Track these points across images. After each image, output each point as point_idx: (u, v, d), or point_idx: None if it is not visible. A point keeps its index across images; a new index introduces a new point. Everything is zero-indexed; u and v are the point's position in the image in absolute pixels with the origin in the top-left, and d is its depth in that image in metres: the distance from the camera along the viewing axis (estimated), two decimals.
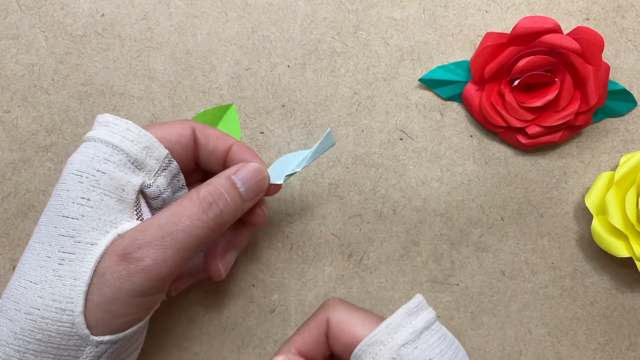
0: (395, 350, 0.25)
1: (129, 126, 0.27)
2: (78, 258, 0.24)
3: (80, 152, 0.26)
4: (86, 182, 0.25)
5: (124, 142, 0.26)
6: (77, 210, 0.25)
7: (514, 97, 0.34)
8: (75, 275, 0.24)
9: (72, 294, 0.24)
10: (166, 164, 0.28)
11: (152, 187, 0.27)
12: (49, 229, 0.25)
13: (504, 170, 0.36)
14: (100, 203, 0.25)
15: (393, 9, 0.35)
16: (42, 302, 0.24)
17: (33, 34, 0.35)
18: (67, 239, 0.24)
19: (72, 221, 0.25)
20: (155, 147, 0.27)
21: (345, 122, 0.36)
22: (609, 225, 0.34)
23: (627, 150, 0.36)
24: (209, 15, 0.35)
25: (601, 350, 0.36)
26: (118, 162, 0.26)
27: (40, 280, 0.24)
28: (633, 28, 0.35)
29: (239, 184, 0.27)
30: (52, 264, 0.24)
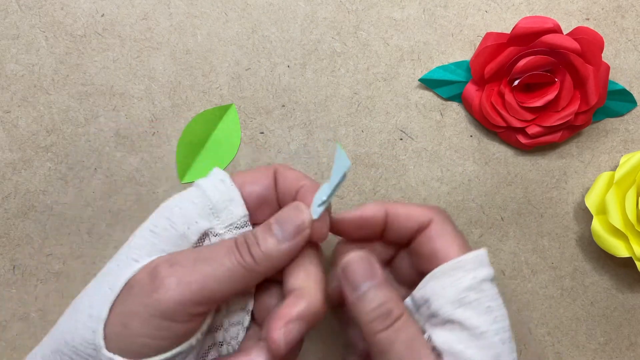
0: (478, 281, 0.26)
1: (224, 178, 0.28)
2: (119, 271, 0.25)
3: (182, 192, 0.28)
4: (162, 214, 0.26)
5: (213, 189, 0.27)
6: (143, 235, 0.26)
7: (514, 97, 0.34)
8: (111, 285, 0.25)
9: (102, 301, 0.24)
10: (241, 224, 0.28)
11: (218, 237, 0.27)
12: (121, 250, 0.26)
13: (504, 170, 0.36)
14: (163, 232, 0.26)
15: (393, 9, 0.35)
16: (82, 307, 0.25)
17: (33, 34, 0.35)
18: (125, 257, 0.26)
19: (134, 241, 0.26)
20: (237, 203, 0.27)
21: (345, 122, 0.36)
22: (609, 225, 0.34)
23: (627, 150, 0.36)
24: (209, 15, 0.35)
25: (601, 350, 0.36)
26: (198, 204, 0.27)
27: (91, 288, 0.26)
28: (633, 28, 0.35)
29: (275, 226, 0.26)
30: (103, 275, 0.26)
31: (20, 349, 0.35)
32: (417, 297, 0.27)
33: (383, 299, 0.26)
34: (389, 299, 0.26)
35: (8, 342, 0.35)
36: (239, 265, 0.25)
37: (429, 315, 0.27)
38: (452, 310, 0.26)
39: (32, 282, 0.35)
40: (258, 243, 0.26)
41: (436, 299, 0.26)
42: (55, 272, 0.35)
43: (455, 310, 0.25)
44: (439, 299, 0.26)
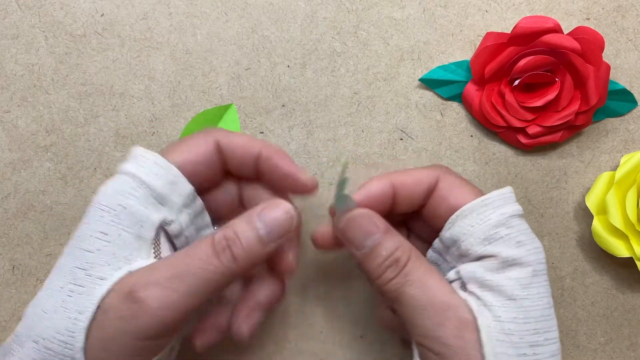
0: (506, 217, 0.26)
1: (156, 159, 0.26)
2: (86, 292, 0.24)
3: (108, 185, 0.26)
4: (107, 217, 0.25)
5: (150, 175, 0.26)
6: (94, 244, 0.24)
7: (514, 97, 0.34)
8: (80, 309, 0.23)
9: (74, 328, 0.23)
10: (190, 200, 0.27)
11: (173, 224, 0.26)
12: (67, 260, 0.25)
13: (504, 170, 0.36)
14: (117, 238, 0.25)
15: (393, 8, 0.35)
16: (48, 333, 0.23)
17: (33, 34, 0.35)
18: (80, 271, 0.24)
19: (88, 254, 0.24)
20: (180, 182, 0.26)
21: (345, 122, 0.35)
22: (610, 225, 0.33)
23: (628, 150, 0.36)
24: (209, 15, 0.35)
25: (601, 350, 0.36)
26: (140, 197, 0.25)
27: (50, 310, 0.24)
28: (633, 28, 0.35)
29: (260, 226, 0.26)
30: (62, 295, 0.24)
31: None
32: (445, 238, 0.27)
33: (388, 251, 0.26)
34: (394, 247, 0.26)
35: None
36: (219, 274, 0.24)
37: (459, 255, 0.27)
38: (483, 247, 0.26)
39: (32, 282, 0.35)
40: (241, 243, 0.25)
41: (465, 238, 0.26)
42: None
43: (486, 246, 0.25)
44: (468, 238, 0.26)
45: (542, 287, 0.25)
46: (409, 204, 0.28)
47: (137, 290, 0.23)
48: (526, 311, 0.24)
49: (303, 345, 0.35)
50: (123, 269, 0.24)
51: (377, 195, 0.28)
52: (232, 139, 0.28)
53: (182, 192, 0.27)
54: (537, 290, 0.25)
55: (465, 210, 0.26)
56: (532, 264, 0.25)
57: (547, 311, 0.25)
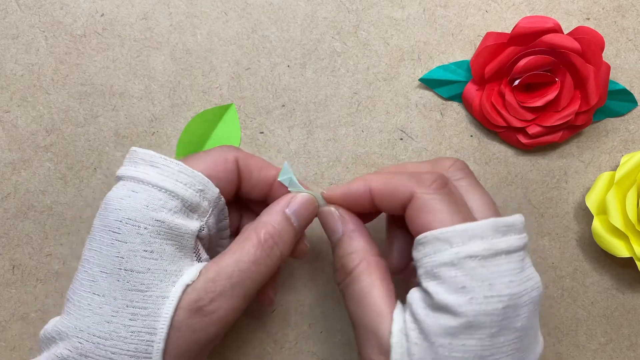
0: (460, 257, 0.23)
1: (180, 168, 0.26)
2: (151, 313, 0.24)
3: (130, 196, 0.25)
4: (145, 233, 0.24)
5: (178, 185, 0.25)
6: (142, 264, 0.24)
7: (514, 97, 0.34)
8: (152, 331, 0.24)
9: (150, 350, 0.24)
10: (216, 202, 0.27)
11: (204, 230, 0.27)
12: (110, 283, 0.24)
13: (504, 170, 0.36)
14: (163, 253, 0.25)
15: (393, 8, 0.35)
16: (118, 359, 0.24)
17: (33, 33, 0.35)
18: (136, 293, 0.24)
19: (139, 275, 0.24)
20: (208, 188, 0.27)
21: (345, 122, 0.35)
22: (610, 225, 0.33)
23: (628, 150, 0.36)
24: (209, 15, 0.35)
25: (601, 350, 0.36)
26: (174, 209, 0.25)
27: (111, 337, 0.24)
28: (633, 28, 0.35)
29: (293, 219, 0.27)
30: (122, 319, 0.24)
31: (20, 349, 0.35)
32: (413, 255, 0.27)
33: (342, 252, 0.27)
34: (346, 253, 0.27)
35: (8, 342, 0.35)
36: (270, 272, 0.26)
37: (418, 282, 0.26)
38: (427, 282, 0.24)
39: (32, 282, 0.35)
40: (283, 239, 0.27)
41: (419, 265, 0.25)
42: (55, 272, 0.35)
43: (429, 282, 0.24)
44: (420, 268, 0.25)
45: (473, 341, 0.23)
46: (388, 210, 0.28)
47: (206, 304, 0.25)
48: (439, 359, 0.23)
49: (303, 345, 0.35)
50: (179, 284, 0.25)
51: (354, 196, 0.28)
52: (249, 159, 0.29)
53: (211, 198, 0.27)
54: (463, 343, 0.23)
55: (423, 238, 0.25)
56: (469, 315, 0.23)
57: None
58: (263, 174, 0.29)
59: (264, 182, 0.29)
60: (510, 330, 0.23)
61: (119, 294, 0.24)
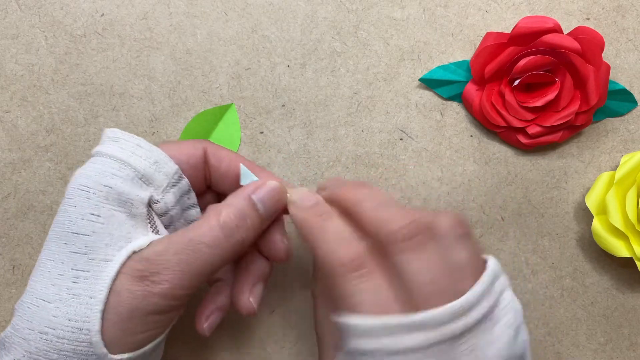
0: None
1: (139, 142, 0.26)
2: (93, 275, 0.24)
3: (87, 167, 0.26)
4: (94, 198, 0.25)
5: (133, 157, 0.26)
6: (88, 227, 0.24)
7: (514, 97, 0.34)
8: (91, 294, 0.24)
9: (88, 313, 0.23)
10: (176, 180, 0.27)
11: (159, 203, 0.27)
12: (59, 246, 0.24)
13: (504, 170, 0.36)
14: (111, 218, 0.25)
15: (393, 8, 0.35)
16: (57, 321, 0.23)
17: (33, 34, 0.35)
18: (80, 255, 0.24)
19: (84, 237, 0.24)
20: (164, 162, 0.27)
21: (345, 122, 0.35)
22: (610, 225, 0.33)
23: (628, 150, 0.36)
24: (209, 15, 0.35)
25: (601, 350, 0.36)
26: (125, 177, 0.25)
27: (54, 299, 0.24)
28: (633, 28, 0.35)
29: (259, 205, 0.27)
30: (65, 282, 0.24)
31: None
32: None
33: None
34: None
35: None
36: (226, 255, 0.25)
37: None
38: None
39: None
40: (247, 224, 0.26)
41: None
42: None
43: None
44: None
45: None
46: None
47: (149, 275, 0.24)
48: None
49: (303, 345, 0.35)
50: (125, 249, 0.25)
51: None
52: (219, 150, 0.29)
53: (168, 172, 0.27)
54: None
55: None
56: None
57: None
58: (233, 166, 0.28)
59: (234, 174, 0.29)
60: None
61: (66, 257, 0.24)
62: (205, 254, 0.25)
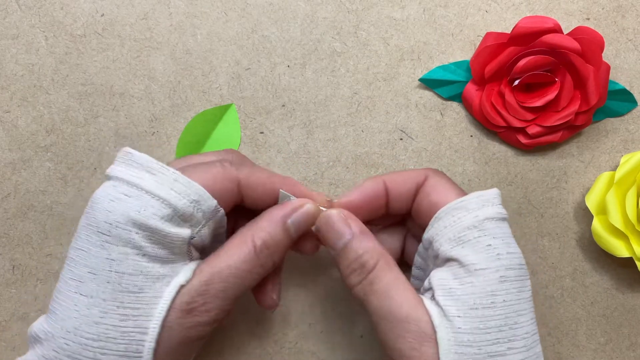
0: (480, 219, 0.26)
1: (176, 176, 0.25)
2: (143, 314, 0.24)
3: (121, 199, 0.25)
4: (137, 238, 0.24)
5: (171, 194, 0.25)
6: (134, 266, 0.24)
7: (514, 97, 0.34)
8: (143, 331, 0.24)
9: (140, 349, 0.24)
10: (213, 214, 0.27)
11: (196, 238, 0.26)
12: (99, 284, 0.24)
13: (504, 170, 0.36)
14: (155, 258, 0.25)
15: (393, 8, 0.35)
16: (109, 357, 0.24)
17: (33, 34, 0.35)
18: (128, 295, 0.24)
19: (130, 277, 0.24)
20: (204, 199, 0.26)
21: (345, 122, 0.36)
22: (609, 225, 0.33)
23: (628, 150, 0.36)
24: (209, 15, 0.35)
25: (601, 350, 0.36)
26: (165, 217, 0.25)
27: (99, 338, 0.24)
28: (633, 28, 0.35)
29: (293, 230, 0.27)
30: (111, 320, 0.24)
31: (20, 348, 0.35)
32: (424, 240, 0.28)
33: (355, 254, 0.27)
34: (362, 251, 0.27)
35: (8, 342, 0.35)
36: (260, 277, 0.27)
37: (433, 257, 0.27)
38: (450, 249, 0.25)
39: (32, 282, 0.35)
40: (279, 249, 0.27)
41: (437, 239, 0.26)
42: (55, 272, 0.35)
43: (453, 248, 0.25)
44: (440, 239, 0.26)
45: (511, 295, 0.25)
46: (400, 202, 0.29)
47: (198, 306, 0.25)
48: (487, 320, 0.24)
49: (303, 345, 0.35)
50: (172, 285, 0.25)
51: (371, 194, 0.28)
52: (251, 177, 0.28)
53: (206, 209, 0.26)
54: (503, 298, 0.24)
55: (442, 212, 0.27)
56: (500, 269, 0.25)
57: (514, 319, 0.24)
58: (267, 189, 0.28)
59: (269, 197, 0.28)
60: (527, 288, 0.26)
61: (109, 295, 0.24)
62: (246, 279, 0.26)
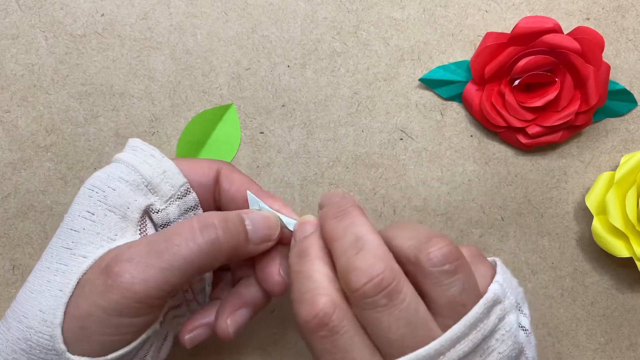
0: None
1: (153, 152, 0.27)
2: (68, 270, 0.24)
3: (102, 170, 0.27)
4: (95, 197, 0.25)
5: (144, 165, 0.26)
6: (80, 224, 0.25)
7: (514, 97, 0.34)
8: (61, 287, 0.24)
9: (55, 305, 0.23)
10: (182, 193, 0.27)
11: (160, 213, 0.26)
12: (54, 240, 0.25)
13: (504, 170, 0.36)
14: (103, 218, 0.25)
15: (393, 8, 0.35)
16: (32, 312, 0.23)
17: (33, 34, 0.35)
18: (65, 250, 0.25)
19: (74, 233, 0.25)
20: (173, 173, 0.27)
21: (345, 122, 0.36)
22: (609, 225, 0.33)
23: (628, 150, 0.36)
24: (209, 15, 0.35)
25: (601, 350, 0.36)
26: (132, 182, 0.26)
27: (36, 290, 0.24)
28: (633, 28, 0.35)
29: (247, 222, 0.26)
30: (48, 274, 0.24)
31: None
32: None
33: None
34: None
35: None
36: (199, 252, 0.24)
37: None
38: None
39: None
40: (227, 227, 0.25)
41: None
42: None
43: None
44: None
45: None
46: None
47: (113, 264, 0.23)
48: None
49: (303, 345, 0.35)
50: (104, 247, 0.25)
51: None
52: (234, 173, 0.28)
53: (174, 184, 0.27)
54: None
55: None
56: None
57: None
58: (243, 189, 0.28)
59: (243, 197, 0.28)
60: None
61: (55, 251, 0.25)
62: (176, 246, 0.23)
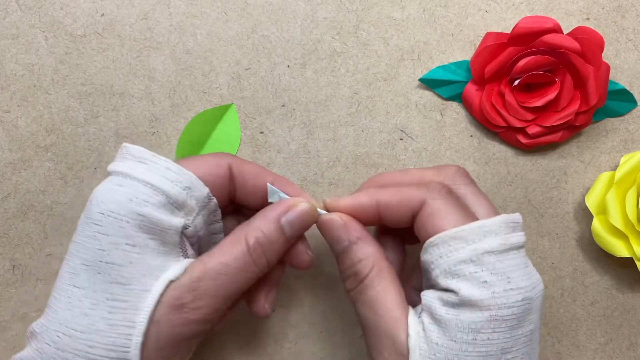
0: (478, 253, 0.24)
1: (168, 165, 0.26)
2: (132, 307, 0.24)
3: (114, 190, 0.25)
4: (128, 227, 0.24)
5: (164, 182, 0.25)
6: (123, 257, 0.24)
7: (514, 97, 0.34)
8: (130, 324, 0.24)
9: (128, 343, 0.23)
10: (205, 202, 0.27)
11: (190, 228, 0.26)
12: (90, 275, 0.24)
13: (504, 170, 0.36)
14: (146, 248, 0.25)
15: (393, 9, 0.35)
16: (95, 352, 0.23)
17: (33, 34, 0.35)
18: (117, 286, 0.24)
19: (120, 268, 0.24)
20: (196, 186, 0.26)
21: (345, 122, 0.36)
22: (609, 225, 0.33)
23: (627, 150, 0.36)
24: (209, 15, 0.35)
25: (601, 350, 0.36)
26: (158, 204, 0.25)
27: (88, 330, 0.24)
28: (633, 28, 0.35)
29: (287, 229, 0.27)
30: (100, 312, 0.24)
31: (20, 348, 0.35)
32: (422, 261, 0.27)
33: (350, 261, 0.27)
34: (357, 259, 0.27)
35: (8, 342, 0.35)
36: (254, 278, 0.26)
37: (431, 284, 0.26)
38: (444, 280, 0.25)
39: (32, 282, 0.35)
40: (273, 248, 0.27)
41: (433, 268, 0.25)
42: (55, 272, 0.35)
43: (448, 281, 0.25)
44: (435, 269, 0.25)
45: (498, 333, 0.24)
46: (394, 223, 0.28)
47: (188, 302, 0.25)
48: (464, 355, 0.24)
49: (303, 345, 0.35)
50: (162, 279, 0.25)
51: (361, 209, 0.28)
52: (244, 165, 0.28)
53: (199, 197, 0.26)
54: (488, 336, 0.24)
55: (437, 239, 0.25)
56: (493, 308, 0.24)
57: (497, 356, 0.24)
58: (259, 182, 0.28)
59: (260, 190, 0.28)
60: (527, 323, 0.24)
61: (99, 286, 0.24)
62: (239, 278, 0.26)
